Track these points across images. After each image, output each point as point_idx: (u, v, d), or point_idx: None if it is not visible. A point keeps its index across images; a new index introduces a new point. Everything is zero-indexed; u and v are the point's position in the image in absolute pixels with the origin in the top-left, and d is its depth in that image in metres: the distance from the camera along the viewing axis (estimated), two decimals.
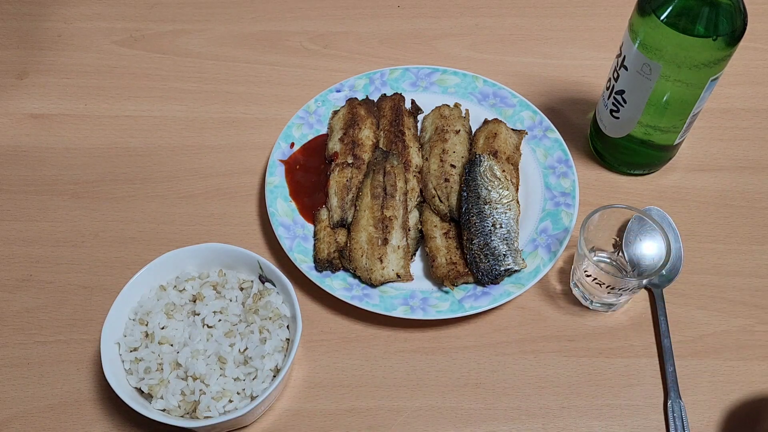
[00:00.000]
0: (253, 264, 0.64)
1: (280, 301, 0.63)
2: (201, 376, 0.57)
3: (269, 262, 0.63)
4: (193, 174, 0.81)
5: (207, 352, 0.59)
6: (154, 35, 0.96)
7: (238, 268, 0.66)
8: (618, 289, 0.64)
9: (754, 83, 0.89)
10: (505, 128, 0.78)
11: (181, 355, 0.58)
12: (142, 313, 0.62)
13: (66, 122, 0.86)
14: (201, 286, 0.64)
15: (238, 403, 0.58)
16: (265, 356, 0.59)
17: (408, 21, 0.98)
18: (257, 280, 0.65)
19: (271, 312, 0.62)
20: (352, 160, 0.76)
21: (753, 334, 0.68)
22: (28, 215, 0.77)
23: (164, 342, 0.60)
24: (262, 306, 0.62)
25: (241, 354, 0.60)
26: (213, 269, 0.66)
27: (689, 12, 0.61)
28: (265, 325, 0.61)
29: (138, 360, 0.60)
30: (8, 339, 0.68)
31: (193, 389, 0.57)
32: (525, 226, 0.73)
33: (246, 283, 0.65)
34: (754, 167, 0.81)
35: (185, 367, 0.58)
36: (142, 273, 0.63)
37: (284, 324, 0.62)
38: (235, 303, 0.63)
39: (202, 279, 0.65)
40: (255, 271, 0.65)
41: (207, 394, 0.57)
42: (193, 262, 0.66)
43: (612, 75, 0.72)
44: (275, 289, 0.64)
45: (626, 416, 0.63)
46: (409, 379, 0.65)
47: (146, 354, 0.59)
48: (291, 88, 0.89)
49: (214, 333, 0.61)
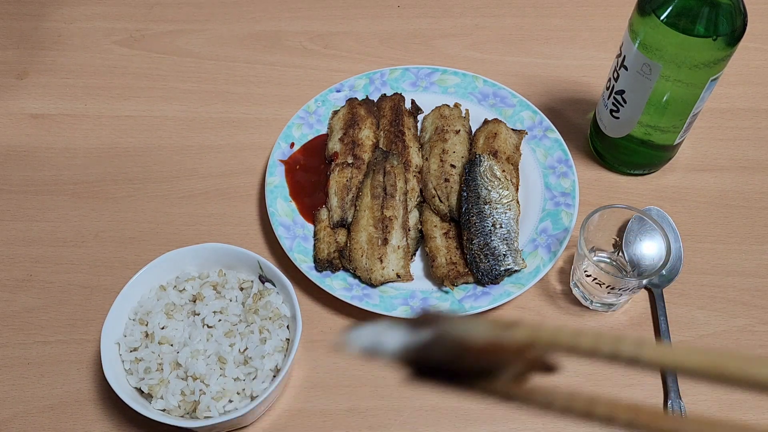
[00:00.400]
0: (253, 264, 0.64)
1: (280, 301, 0.63)
2: (201, 376, 0.57)
3: (269, 262, 0.63)
4: (193, 174, 0.81)
5: (207, 352, 0.59)
6: (155, 35, 0.96)
7: (238, 268, 0.66)
8: (618, 289, 0.64)
9: (754, 83, 0.89)
10: (505, 128, 0.78)
11: (181, 355, 0.58)
12: (142, 313, 0.62)
13: (66, 122, 0.86)
14: (201, 286, 0.64)
15: (238, 403, 0.58)
16: (265, 356, 0.59)
17: (408, 21, 0.98)
18: (257, 280, 0.65)
19: (271, 312, 0.61)
20: (352, 160, 0.76)
21: (753, 334, 0.68)
22: (28, 215, 0.77)
23: (164, 342, 0.60)
24: (262, 306, 0.62)
25: (241, 354, 0.60)
26: (213, 269, 0.66)
27: (689, 12, 0.61)
28: (265, 325, 0.61)
29: (138, 360, 0.60)
30: (8, 339, 0.68)
31: (193, 389, 0.57)
32: (525, 226, 0.73)
33: (246, 283, 0.65)
34: (754, 167, 0.81)
35: (185, 367, 0.58)
36: (142, 273, 0.63)
37: (284, 324, 0.62)
38: (235, 303, 0.63)
39: (202, 279, 0.65)
40: (255, 271, 0.65)
41: (207, 394, 0.57)
42: (193, 262, 0.66)
43: (612, 75, 0.72)
44: (275, 289, 0.64)
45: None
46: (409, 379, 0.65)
47: (146, 354, 0.59)
48: (291, 88, 0.89)
49: (214, 333, 0.60)
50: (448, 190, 0.73)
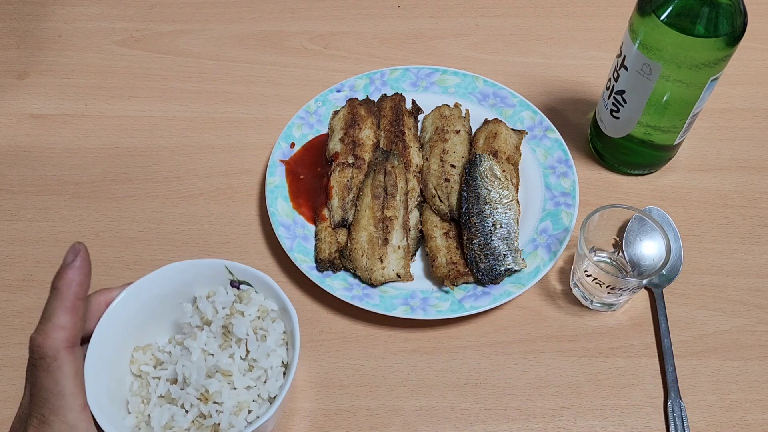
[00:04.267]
0: (220, 270, 0.59)
1: (263, 298, 0.59)
2: (211, 395, 0.54)
3: (237, 263, 0.58)
4: (193, 174, 0.81)
5: (209, 371, 0.56)
6: (155, 35, 0.96)
7: (202, 282, 0.60)
8: (618, 289, 0.64)
9: (754, 83, 0.89)
10: (505, 128, 0.78)
11: (188, 392, 0.55)
12: (118, 399, 0.56)
13: (66, 122, 0.86)
14: (170, 340, 0.59)
15: (258, 409, 0.55)
16: (270, 354, 0.56)
17: (408, 21, 0.98)
18: (223, 288, 0.60)
19: (257, 310, 0.58)
20: (353, 160, 0.76)
21: (753, 334, 0.68)
22: (28, 215, 0.77)
23: (168, 401, 0.56)
24: (246, 307, 0.58)
25: (244, 360, 0.57)
26: (174, 300, 0.59)
27: (689, 12, 0.61)
28: (257, 324, 0.58)
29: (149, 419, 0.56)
30: (8, 339, 0.68)
31: (209, 411, 0.54)
32: (525, 226, 0.73)
33: (218, 296, 0.59)
34: (754, 167, 0.81)
35: (195, 386, 0.55)
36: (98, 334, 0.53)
37: (276, 317, 0.59)
38: (217, 318, 0.58)
39: (165, 343, 0.59)
40: (223, 277, 0.60)
41: (225, 412, 0.54)
42: (154, 292, 0.58)
43: (612, 75, 0.72)
44: (253, 289, 0.59)
45: (626, 416, 0.63)
46: (409, 379, 0.65)
47: (156, 413, 0.55)
48: (291, 88, 0.89)
49: (207, 350, 0.57)
50: (449, 190, 0.73)
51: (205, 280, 0.60)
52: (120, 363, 0.57)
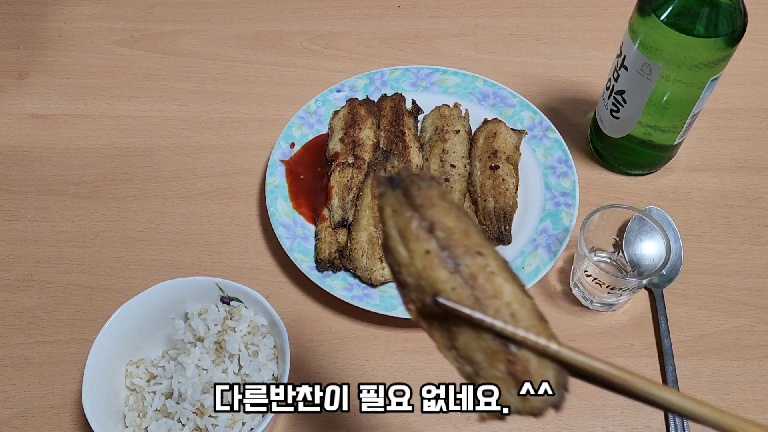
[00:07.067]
0: (210, 287, 0.61)
1: (253, 313, 0.61)
2: (207, 410, 0.56)
3: (227, 280, 0.60)
4: (193, 174, 0.81)
5: (204, 387, 0.57)
6: (155, 35, 0.96)
7: (193, 298, 0.62)
8: (618, 289, 0.64)
9: (754, 83, 0.89)
10: (504, 128, 0.78)
11: (184, 407, 0.57)
12: (115, 413, 0.58)
13: (66, 122, 0.86)
14: (164, 355, 0.60)
15: (251, 422, 0.57)
16: (261, 368, 0.58)
17: (408, 21, 0.98)
18: (214, 305, 0.62)
19: (247, 326, 0.60)
20: (353, 160, 0.76)
21: (753, 334, 0.68)
22: (28, 215, 0.77)
23: (164, 415, 0.57)
24: (237, 323, 0.60)
25: (237, 375, 0.58)
26: (165, 322, 0.61)
27: (689, 12, 0.61)
28: (248, 339, 0.59)
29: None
30: (8, 339, 0.68)
31: (205, 425, 0.55)
32: (525, 226, 0.73)
33: (210, 313, 0.62)
34: (754, 167, 0.81)
35: (191, 401, 0.56)
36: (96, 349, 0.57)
37: (266, 332, 0.61)
38: (210, 334, 0.60)
39: (158, 357, 0.61)
40: (213, 294, 0.62)
41: (220, 425, 0.55)
42: (147, 311, 0.60)
43: (612, 75, 0.72)
44: (243, 304, 0.62)
45: (626, 416, 0.63)
46: (409, 379, 0.65)
47: (153, 427, 0.57)
48: (291, 88, 0.89)
49: (201, 365, 0.59)
50: (448, 190, 0.73)
51: (196, 297, 0.62)
52: (115, 378, 0.59)
